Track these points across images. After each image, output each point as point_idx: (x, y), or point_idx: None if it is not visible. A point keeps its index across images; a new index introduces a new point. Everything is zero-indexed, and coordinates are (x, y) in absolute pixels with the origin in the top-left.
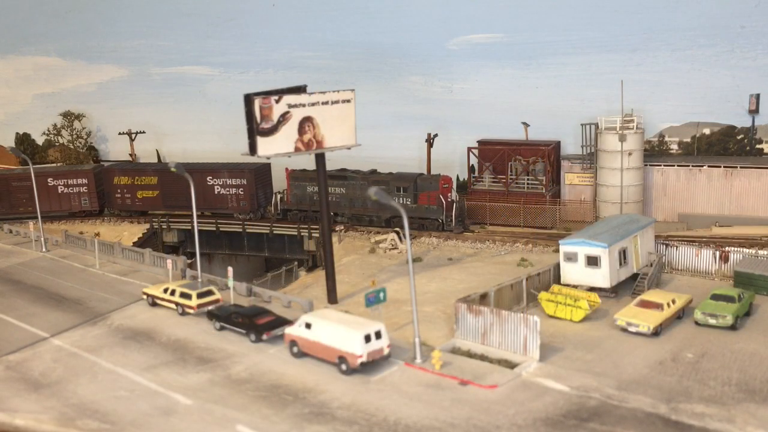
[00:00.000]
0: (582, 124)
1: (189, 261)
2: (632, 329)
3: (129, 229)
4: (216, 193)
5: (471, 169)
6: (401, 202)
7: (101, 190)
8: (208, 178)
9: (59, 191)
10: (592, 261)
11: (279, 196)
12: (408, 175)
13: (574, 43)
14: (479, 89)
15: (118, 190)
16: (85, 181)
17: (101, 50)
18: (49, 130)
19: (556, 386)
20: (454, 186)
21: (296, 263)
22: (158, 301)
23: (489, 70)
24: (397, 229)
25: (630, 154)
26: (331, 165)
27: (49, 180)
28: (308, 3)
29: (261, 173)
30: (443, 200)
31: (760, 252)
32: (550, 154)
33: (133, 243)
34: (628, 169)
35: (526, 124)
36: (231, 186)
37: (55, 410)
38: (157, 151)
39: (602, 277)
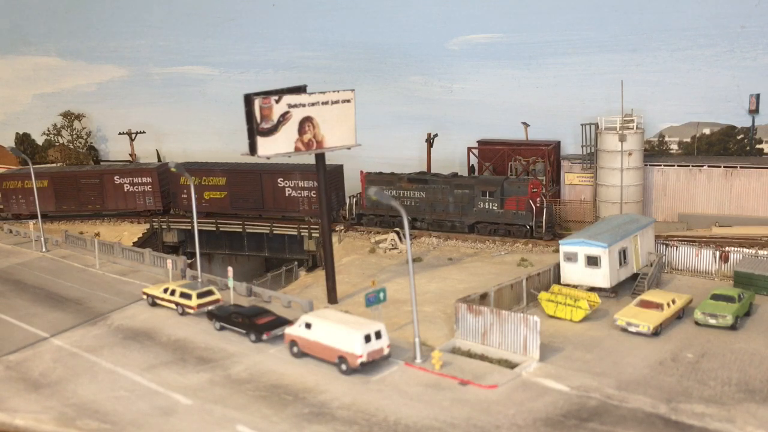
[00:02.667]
0: (582, 124)
1: (189, 261)
2: (632, 329)
3: (129, 229)
4: (287, 195)
5: (471, 169)
6: (486, 207)
7: (166, 189)
8: (278, 180)
9: (125, 190)
10: (592, 261)
11: (354, 200)
12: (494, 179)
13: (574, 43)
14: (479, 89)
15: (185, 191)
16: (149, 180)
17: (101, 50)
18: (49, 130)
19: (556, 386)
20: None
21: (296, 263)
22: (158, 301)
23: (489, 70)
24: (397, 229)
25: (630, 154)
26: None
27: (116, 178)
28: (308, 3)
29: (334, 175)
30: (533, 205)
31: (760, 252)
32: (550, 154)
33: (133, 243)
34: (628, 169)
35: (526, 124)
36: (303, 188)
37: (55, 410)
38: (157, 151)
39: (602, 277)
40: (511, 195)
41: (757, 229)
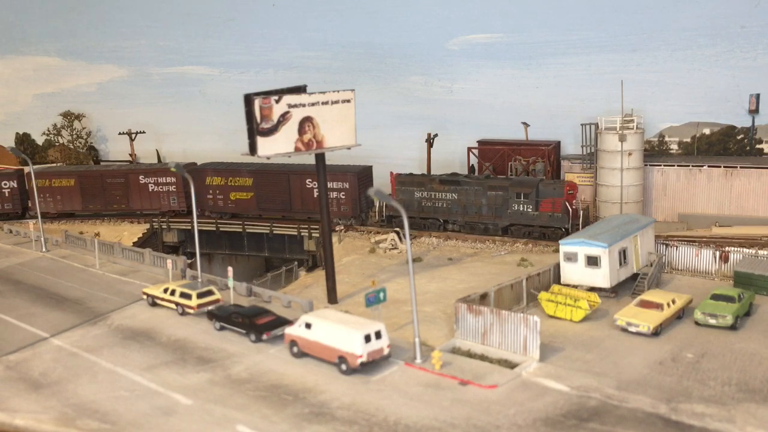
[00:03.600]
0: (582, 124)
1: (189, 261)
2: (632, 329)
3: (129, 229)
4: (315, 196)
5: (471, 169)
6: (521, 209)
7: (190, 190)
8: (307, 181)
9: (150, 190)
10: (592, 261)
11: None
12: (529, 180)
13: (574, 43)
14: (479, 89)
15: (210, 191)
16: (173, 180)
17: (101, 50)
18: (49, 130)
19: (556, 386)
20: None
21: (296, 263)
22: (158, 301)
23: (489, 70)
24: (397, 229)
25: (630, 154)
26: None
27: (140, 178)
28: (308, 3)
29: (363, 176)
30: (569, 207)
31: (760, 252)
32: (550, 154)
33: (133, 243)
34: (628, 169)
35: (526, 124)
36: (331, 189)
37: (55, 410)
38: (157, 151)
39: (602, 277)
40: (546, 197)
41: (757, 229)
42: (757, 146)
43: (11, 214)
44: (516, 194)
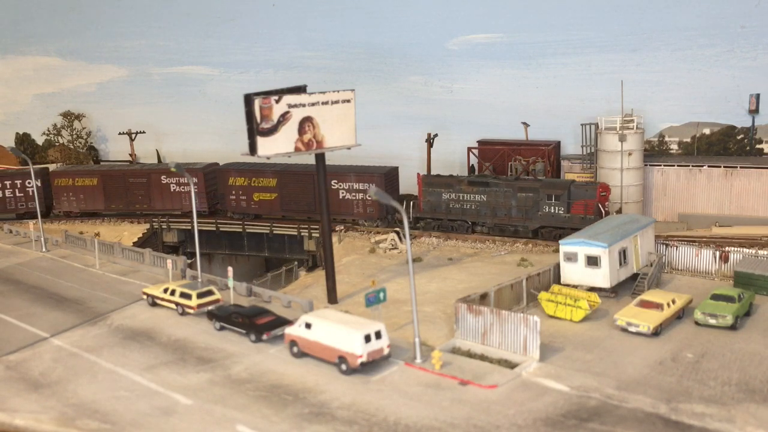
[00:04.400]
0: (582, 124)
1: (189, 261)
2: (632, 329)
3: (129, 229)
4: (340, 197)
5: (471, 169)
6: (552, 211)
7: (213, 190)
8: (332, 182)
9: (171, 190)
10: (592, 261)
11: (412, 203)
12: (560, 182)
13: (574, 43)
14: (479, 89)
15: (233, 192)
16: (195, 180)
17: (101, 50)
18: (49, 130)
19: (556, 386)
20: None
21: (296, 263)
22: (158, 301)
23: (489, 70)
24: (397, 229)
25: (630, 154)
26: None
27: (162, 178)
28: (308, 3)
29: (390, 178)
30: (603, 209)
31: (760, 252)
32: (550, 154)
33: (133, 243)
34: (628, 169)
35: (526, 124)
36: (358, 191)
37: (55, 410)
38: (157, 151)
39: (602, 277)
40: (578, 198)
41: (757, 229)
42: (757, 146)
43: (34, 213)
44: (547, 196)
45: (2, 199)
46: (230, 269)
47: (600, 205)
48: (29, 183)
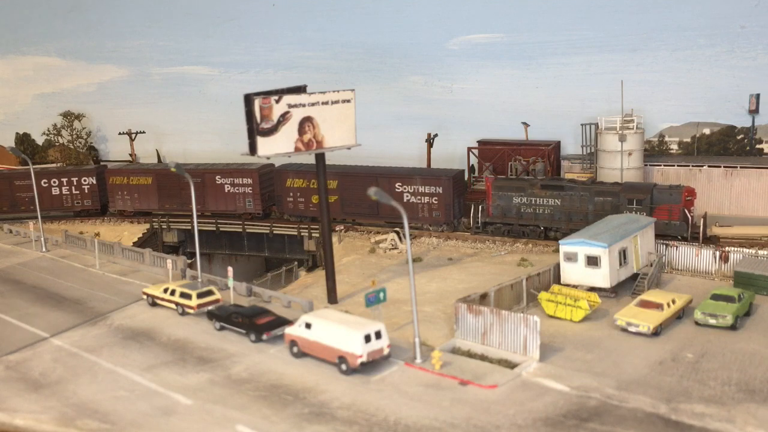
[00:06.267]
0: (582, 124)
1: (189, 261)
2: (632, 329)
3: (129, 229)
4: (405, 201)
5: (471, 169)
6: None
7: (268, 192)
8: (396, 184)
9: (225, 190)
10: (592, 261)
11: (481, 207)
12: (642, 185)
13: (574, 43)
14: (479, 89)
15: (291, 194)
16: (249, 181)
17: (101, 50)
18: (49, 130)
19: (556, 386)
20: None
21: (296, 263)
22: (158, 301)
23: (489, 70)
24: (397, 229)
25: (630, 154)
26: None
27: (217, 178)
28: (308, 3)
29: (458, 181)
30: (688, 214)
31: (760, 252)
32: (550, 154)
33: (133, 243)
34: (628, 169)
35: (526, 124)
36: (423, 194)
37: (55, 410)
38: (157, 151)
39: (602, 277)
40: (661, 203)
41: (757, 229)
42: (757, 146)
43: (90, 211)
44: (628, 200)
45: (58, 196)
46: (230, 269)
47: (685, 210)
48: (85, 181)
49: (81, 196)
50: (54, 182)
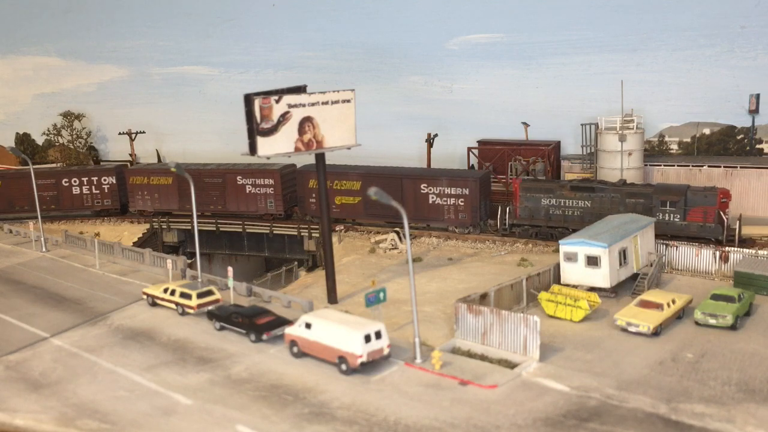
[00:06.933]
0: (582, 124)
1: (189, 261)
2: (632, 329)
3: (129, 229)
4: (430, 202)
5: (471, 169)
6: (666, 219)
7: (290, 192)
8: (421, 186)
9: (247, 191)
10: (592, 261)
11: (508, 209)
12: (675, 187)
13: (574, 43)
14: (479, 89)
15: (314, 195)
16: (271, 181)
17: (101, 50)
18: (49, 130)
19: (556, 386)
20: None
21: (296, 263)
22: (158, 301)
23: (489, 70)
24: (397, 229)
25: (630, 154)
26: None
27: (238, 178)
28: (308, 3)
29: (485, 182)
30: (724, 217)
31: (760, 252)
32: (550, 154)
33: (133, 243)
34: (628, 169)
35: (526, 124)
36: (450, 195)
37: (55, 410)
38: (157, 151)
39: (602, 277)
40: (696, 205)
41: (757, 229)
42: (757, 146)
43: (111, 210)
44: (661, 202)
45: (79, 196)
46: (230, 269)
47: (721, 213)
48: (105, 180)
49: (101, 196)
50: (74, 181)
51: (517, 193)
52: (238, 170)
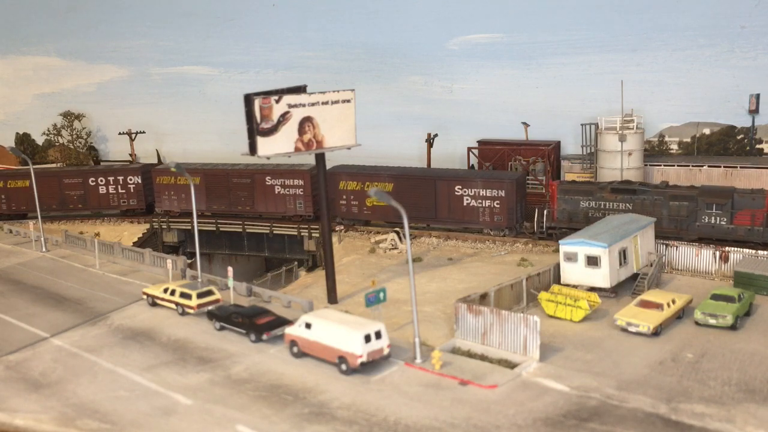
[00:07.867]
0: (582, 124)
1: (189, 261)
2: (632, 329)
3: (129, 229)
4: (465, 204)
5: (471, 169)
6: (712, 222)
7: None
8: (456, 188)
9: (276, 192)
10: (592, 261)
11: (545, 212)
12: (722, 189)
13: (574, 43)
14: (479, 89)
15: (344, 196)
16: (301, 182)
17: (101, 50)
18: (49, 130)
19: (556, 386)
20: None
21: (296, 263)
22: (158, 301)
23: (489, 70)
24: (397, 229)
25: (630, 154)
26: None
27: (267, 179)
28: (308, 3)
29: (520, 184)
30: None
31: (760, 252)
32: (550, 154)
33: (133, 243)
34: (628, 169)
35: (526, 124)
36: (484, 198)
37: (55, 410)
38: (157, 151)
39: (602, 277)
40: (743, 208)
41: None
42: (757, 146)
43: (136, 210)
44: (707, 205)
45: (105, 195)
46: (230, 269)
47: None
48: (131, 180)
49: (127, 195)
50: (101, 181)
51: (554, 195)
52: (267, 170)
